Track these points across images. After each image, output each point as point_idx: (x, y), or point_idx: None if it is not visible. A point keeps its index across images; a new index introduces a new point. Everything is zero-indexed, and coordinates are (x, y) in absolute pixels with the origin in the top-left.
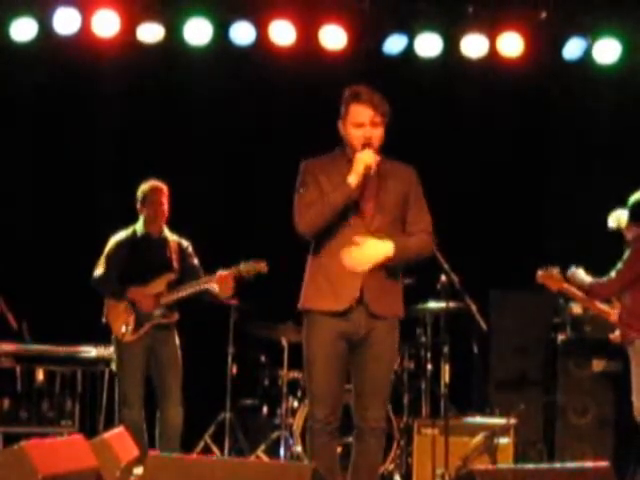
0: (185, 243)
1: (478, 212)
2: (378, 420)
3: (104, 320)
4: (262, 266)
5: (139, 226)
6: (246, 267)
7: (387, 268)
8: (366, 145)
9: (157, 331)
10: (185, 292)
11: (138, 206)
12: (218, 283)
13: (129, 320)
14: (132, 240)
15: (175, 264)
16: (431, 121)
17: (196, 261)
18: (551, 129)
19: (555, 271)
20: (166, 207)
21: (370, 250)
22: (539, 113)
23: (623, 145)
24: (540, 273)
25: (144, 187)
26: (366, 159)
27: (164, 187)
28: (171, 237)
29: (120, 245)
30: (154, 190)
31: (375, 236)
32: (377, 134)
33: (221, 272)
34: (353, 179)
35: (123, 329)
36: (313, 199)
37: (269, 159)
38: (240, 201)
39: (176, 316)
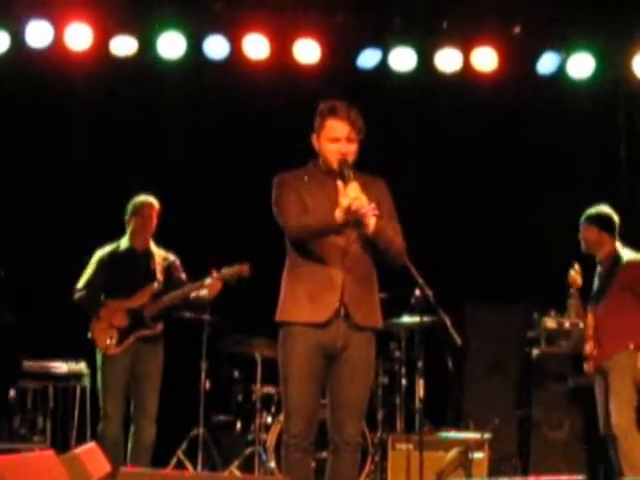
0: (172, 257)
1: (453, 226)
2: (354, 435)
3: (89, 335)
4: (245, 268)
5: (124, 240)
6: (228, 271)
7: (365, 279)
8: (341, 161)
9: (142, 344)
10: (173, 301)
11: (126, 217)
12: (209, 289)
13: (113, 333)
14: (115, 254)
15: (159, 276)
16: (405, 135)
17: (183, 275)
18: (525, 144)
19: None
20: (154, 223)
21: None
22: (513, 127)
23: (596, 159)
24: (573, 272)
25: (136, 200)
26: (353, 196)
27: (155, 203)
28: (157, 251)
29: (102, 259)
30: (146, 205)
31: (353, 247)
32: (352, 149)
33: (210, 280)
34: (340, 215)
35: (107, 342)
36: (299, 207)
37: (243, 172)
38: (213, 214)
39: (160, 327)
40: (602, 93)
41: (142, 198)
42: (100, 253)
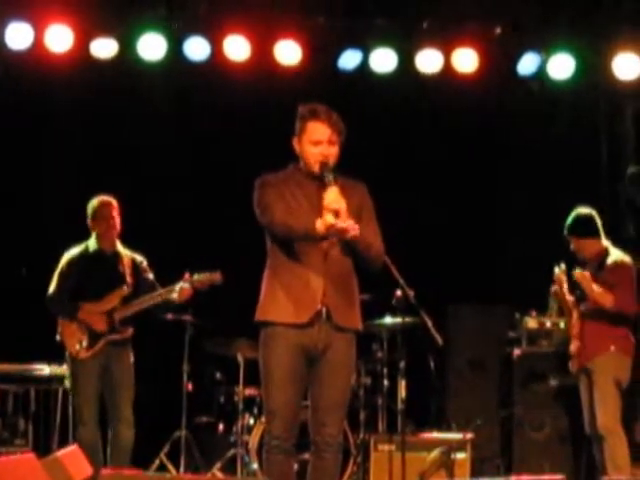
0: (139, 258)
1: (434, 227)
2: (335, 436)
3: (58, 338)
4: (216, 277)
5: (92, 242)
6: (200, 278)
7: (346, 281)
8: (323, 163)
9: (112, 348)
10: (143, 304)
11: (89, 223)
12: (179, 294)
13: (83, 337)
14: (85, 256)
15: (129, 279)
16: (386, 136)
17: (151, 276)
18: (506, 144)
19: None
20: (117, 221)
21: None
22: (494, 128)
23: (577, 160)
24: (559, 272)
25: (93, 203)
26: (331, 199)
27: (113, 201)
28: (124, 252)
29: (72, 262)
30: (103, 205)
31: (333, 249)
32: (333, 152)
33: (182, 284)
34: (321, 227)
35: (77, 346)
36: (283, 207)
37: (224, 174)
38: (194, 215)
39: (130, 331)
40: (582, 94)
41: (99, 199)
42: (68, 256)
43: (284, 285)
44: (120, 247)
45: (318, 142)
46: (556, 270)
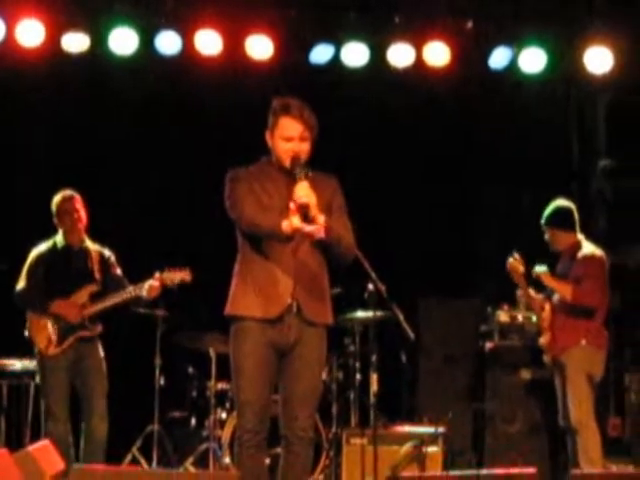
0: (107, 253)
1: (406, 221)
2: (306, 429)
3: (27, 334)
4: (186, 274)
5: (59, 238)
6: (170, 275)
7: (316, 275)
8: (294, 159)
9: (81, 344)
10: (111, 301)
11: (55, 220)
12: (148, 291)
13: (52, 333)
14: (53, 252)
15: (97, 275)
16: (358, 130)
17: (119, 271)
18: (478, 138)
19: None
20: (82, 214)
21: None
22: (465, 122)
23: (549, 154)
24: (512, 260)
25: (56, 199)
26: (301, 194)
27: (75, 195)
28: (92, 247)
29: (41, 258)
30: (65, 200)
31: (304, 243)
32: (305, 148)
33: (151, 282)
34: (287, 228)
35: (46, 342)
36: (253, 202)
37: (195, 168)
38: (165, 209)
39: (99, 328)
40: (554, 87)
41: (61, 194)
42: (36, 252)
43: (254, 279)
44: (88, 242)
45: (290, 138)
46: (510, 260)
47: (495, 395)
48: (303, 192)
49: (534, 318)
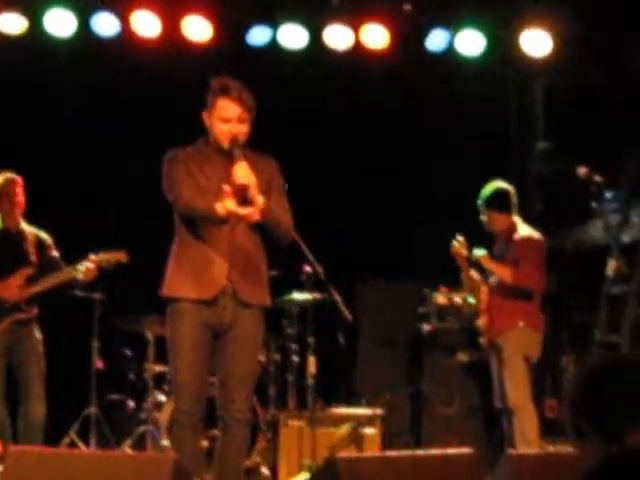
0: (44, 236)
1: (344, 203)
2: (243, 411)
3: None
4: (122, 255)
5: None
6: (105, 256)
7: (252, 257)
8: (232, 140)
9: (17, 327)
10: (48, 283)
11: None
12: (84, 273)
13: None
14: None
15: (33, 257)
16: (296, 112)
17: (56, 253)
18: (417, 121)
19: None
20: (21, 198)
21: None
22: (403, 104)
23: (487, 137)
24: (456, 243)
25: None
26: (240, 175)
27: (17, 178)
28: (29, 230)
29: None
30: (7, 182)
31: (240, 225)
32: (243, 130)
33: (87, 264)
34: (222, 211)
35: None
36: (190, 184)
37: (132, 150)
38: (101, 191)
39: (35, 310)
40: (492, 70)
41: (2, 177)
42: None
43: (190, 261)
44: (24, 225)
45: (228, 119)
46: (454, 243)
47: (432, 377)
48: (242, 173)
49: (472, 300)
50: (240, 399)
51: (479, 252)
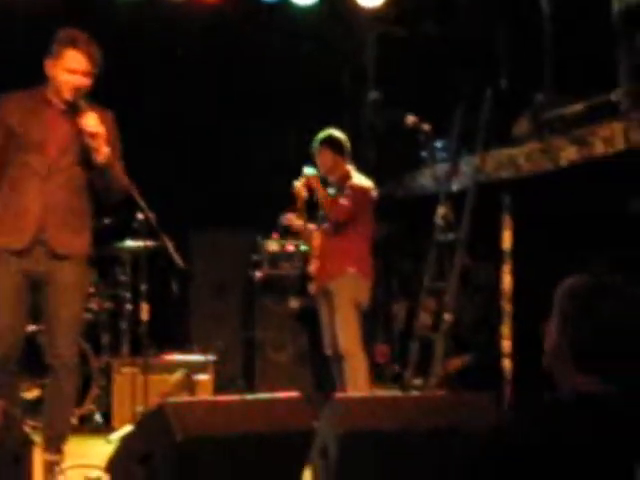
0: None
1: (179, 151)
2: (69, 356)
3: None
4: None
5: None
6: None
7: (72, 207)
8: (75, 92)
9: None
10: None
11: None
12: None
13: None
14: None
15: None
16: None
17: None
18: (252, 73)
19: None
20: None
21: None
22: (236, 56)
23: (322, 87)
24: (298, 184)
25: None
26: (92, 126)
27: None
28: None
29: None
30: None
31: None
32: (87, 83)
33: None
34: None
35: None
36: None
37: None
38: None
39: None
40: (325, 20)
41: None
42: None
43: (4, 210)
44: None
45: (74, 71)
46: (296, 184)
47: (265, 324)
48: (93, 122)
49: (304, 247)
50: (65, 345)
51: (309, 170)
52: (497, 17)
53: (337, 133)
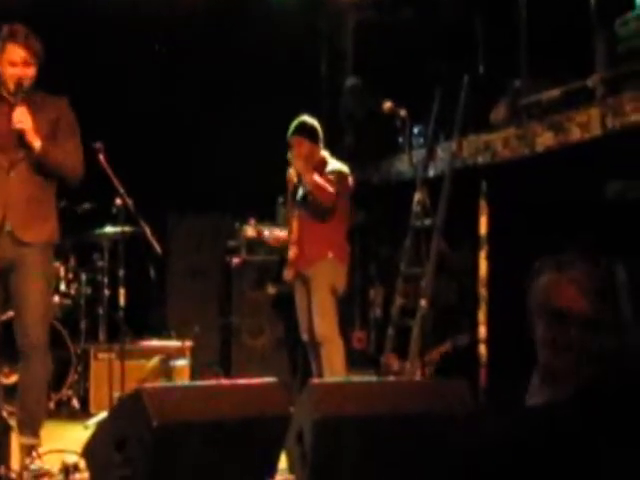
0: None
1: (157, 135)
2: (39, 340)
3: None
4: None
5: None
6: None
7: (36, 197)
8: (17, 84)
9: None
10: None
11: None
12: None
13: None
14: None
15: None
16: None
17: None
18: (229, 57)
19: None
20: None
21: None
22: (212, 41)
23: (299, 73)
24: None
25: None
26: (18, 122)
27: None
28: None
29: None
30: None
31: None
32: (29, 73)
33: None
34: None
35: None
36: None
37: None
38: None
39: None
40: (304, 7)
41: None
42: None
43: None
44: None
45: (14, 63)
46: (290, 171)
47: (241, 309)
48: (19, 117)
49: (279, 233)
50: (34, 329)
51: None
52: (474, 4)
53: (310, 120)
